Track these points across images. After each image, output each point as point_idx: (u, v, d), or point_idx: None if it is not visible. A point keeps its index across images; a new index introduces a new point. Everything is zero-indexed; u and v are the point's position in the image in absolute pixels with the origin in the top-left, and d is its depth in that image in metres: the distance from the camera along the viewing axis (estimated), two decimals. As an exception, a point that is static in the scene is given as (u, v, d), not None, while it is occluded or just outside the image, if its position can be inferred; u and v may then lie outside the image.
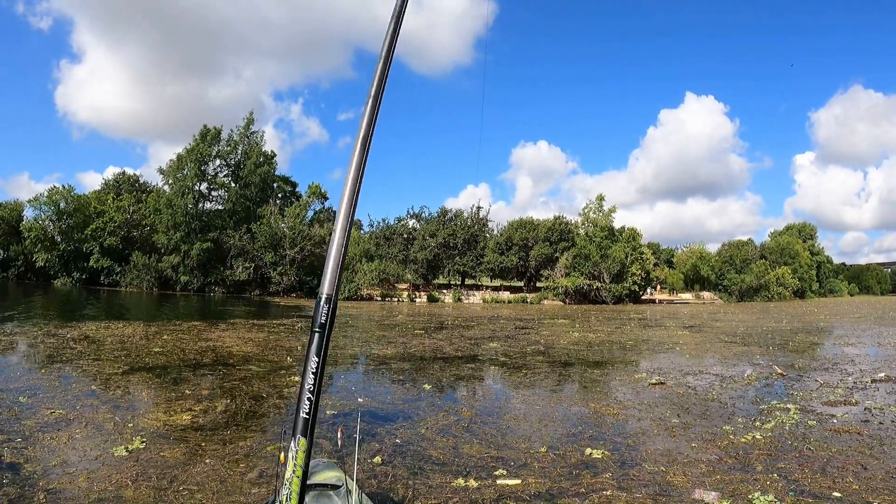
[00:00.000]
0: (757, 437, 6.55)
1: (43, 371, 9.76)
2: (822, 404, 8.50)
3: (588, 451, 5.94)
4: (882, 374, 10.98)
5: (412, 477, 5.07)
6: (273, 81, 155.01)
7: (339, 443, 4.92)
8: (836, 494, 4.73)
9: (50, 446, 5.61)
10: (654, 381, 10.30)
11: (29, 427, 6.24)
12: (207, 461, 5.34)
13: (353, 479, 3.62)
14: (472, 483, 4.90)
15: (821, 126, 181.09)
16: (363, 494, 3.57)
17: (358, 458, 5.50)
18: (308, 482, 3.77)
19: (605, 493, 4.73)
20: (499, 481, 4.96)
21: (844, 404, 8.48)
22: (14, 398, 7.56)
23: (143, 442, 5.81)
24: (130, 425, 6.48)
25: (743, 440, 6.43)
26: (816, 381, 10.53)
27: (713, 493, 4.68)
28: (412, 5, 2.93)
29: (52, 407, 7.14)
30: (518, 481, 4.96)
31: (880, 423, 7.33)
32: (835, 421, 7.41)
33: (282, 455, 3.73)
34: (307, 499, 3.68)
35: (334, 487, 3.79)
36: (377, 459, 5.51)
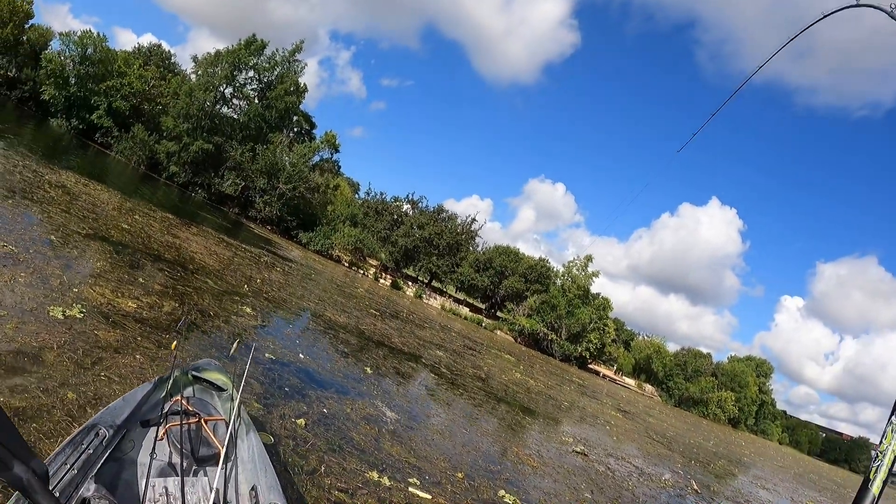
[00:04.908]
0: (657, 541, 6.58)
1: (10, 202, 9.42)
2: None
3: (501, 492, 5.89)
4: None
5: (330, 453, 4.97)
6: (336, 19, 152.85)
7: (232, 352, 4.94)
8: None
9: (-10, 279, 5.40)
10: (578, 448, 10.32)
11: (-24, 251, 6.00)
12: (138, 357, 5.17)
13: (237, 391, 3.61)
14: (385, 481, 4.82)
15: (822, 279, 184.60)
16: (242, 408, 3.59)
17: (283, 414, 5.39)
18: (196, 375, 3.83)
19: (505, 541, 4.68)
20: (411, 489, 4.88)
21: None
22: (-30, 216, 7.29)
23: (81, 312, 5.61)
24: (75, 290, 6.26)
25: (644, 540, 6.45)
26: (725, 509, 10.62)
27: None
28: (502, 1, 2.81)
29: (6, 241, 6.87)
30: (429, 496, 4.88)
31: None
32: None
33: (174, 344, 3.68)
34: (194, 390, 3.78)
35: (219, 389, 3.82)
36: (301, 422, 5.40)
